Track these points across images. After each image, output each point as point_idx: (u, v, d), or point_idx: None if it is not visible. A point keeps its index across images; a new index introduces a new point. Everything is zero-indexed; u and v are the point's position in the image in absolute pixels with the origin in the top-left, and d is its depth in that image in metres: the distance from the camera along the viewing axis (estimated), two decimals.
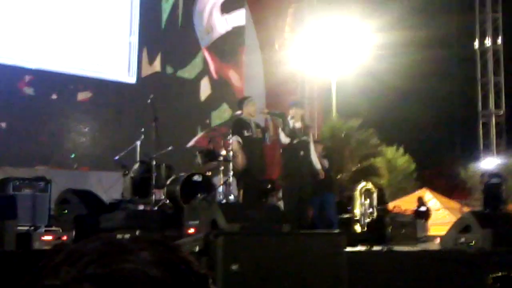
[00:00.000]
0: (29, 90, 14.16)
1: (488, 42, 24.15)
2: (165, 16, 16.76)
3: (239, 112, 9.13)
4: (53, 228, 7.41)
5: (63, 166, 13.60)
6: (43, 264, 0.83)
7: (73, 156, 14.04)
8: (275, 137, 9.07)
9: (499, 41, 24.17)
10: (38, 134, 14.04)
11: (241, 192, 8.69)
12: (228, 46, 17.88)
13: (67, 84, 14.74)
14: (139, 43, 15.80)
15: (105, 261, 0.79)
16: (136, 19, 15.80)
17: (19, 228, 6.58)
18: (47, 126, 14.27)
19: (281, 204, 11.47)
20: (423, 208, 16.19)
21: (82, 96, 14.95)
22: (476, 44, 24.45)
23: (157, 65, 16.39)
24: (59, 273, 0.80)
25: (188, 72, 17.08)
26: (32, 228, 7.18)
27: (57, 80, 14.51)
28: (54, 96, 14.50)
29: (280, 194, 12.67)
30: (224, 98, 17.51)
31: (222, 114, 17.20)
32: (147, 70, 16.06)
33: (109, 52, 15.42)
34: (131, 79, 15.72)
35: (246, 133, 8.70)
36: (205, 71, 17.39)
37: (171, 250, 0.85)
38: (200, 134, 16.48)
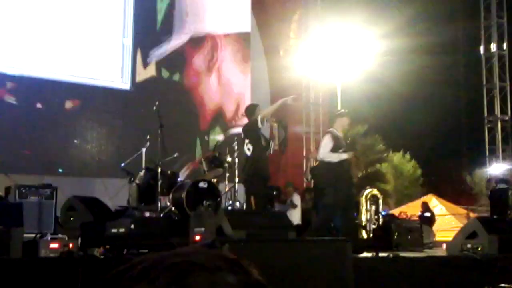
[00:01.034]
0: (10, 99, 13.13)
1: (493, 47, 24.08)
2: (160, 16, 15.79)
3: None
4: (59, 236, 7.41)
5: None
6: (118, 275, 0.78)
7: (60, 171, 13.44)
8: (278, 148, 8.99)
9: (505, 46, 24.11)
10: (21, 146, 13.09)
11: (252, 198, 8.57)
12: (235, 52, 17.62)
13: (54, 91, 13.64)
14: (133, 46, 14.87)
15: (186, 282, 0.75)
16: (129, 20, 14.84)
17: (26, 235, 6.58)
18: (35, 136, 13.28)
19: (294, 212, 11.49)
20: (427, 214, 16.11)
21: (70, 104, 13.90)
22: (482, 49, 24.39)
23: (152, 69, 15.40)
24: None
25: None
26: (39, 235, 7.18)
27: (43, 88, 13.47)
28: (38, 105, 13.48)
29: (296, 201, 12.62)
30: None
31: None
32: (141, 75, 15.08)
33: (101, 55, 14.30)
34: (125, 84, 14.75)
35: (258, 139, 8.66)
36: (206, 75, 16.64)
37: (247, 271, 0.81)
38: (188, 165, 14.71)
